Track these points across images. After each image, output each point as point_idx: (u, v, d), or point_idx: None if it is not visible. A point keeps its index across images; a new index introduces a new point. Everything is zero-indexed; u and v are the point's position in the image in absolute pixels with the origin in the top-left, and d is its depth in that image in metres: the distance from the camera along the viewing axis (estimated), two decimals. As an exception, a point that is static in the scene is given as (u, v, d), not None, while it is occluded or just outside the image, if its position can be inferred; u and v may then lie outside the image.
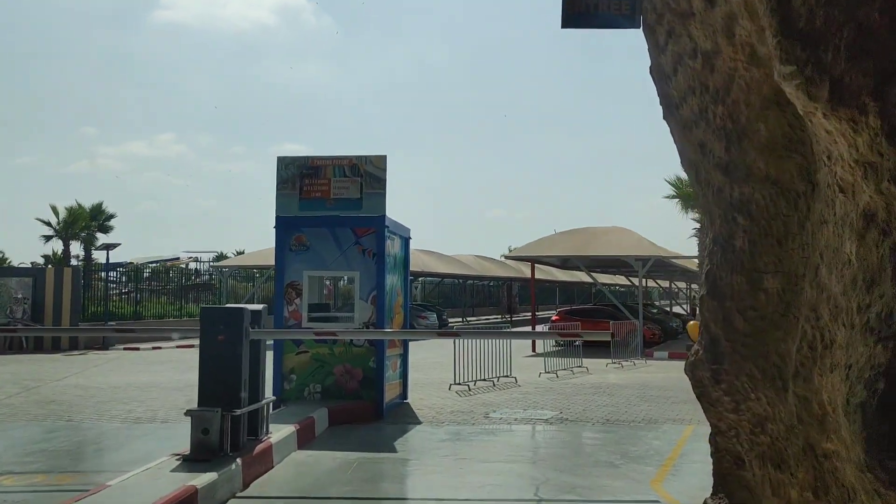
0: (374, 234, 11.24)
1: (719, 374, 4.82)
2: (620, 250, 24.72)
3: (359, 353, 11.13)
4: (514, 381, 15.15)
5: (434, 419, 10.67)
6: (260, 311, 7.29)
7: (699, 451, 7.89)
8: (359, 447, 8.46)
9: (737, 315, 4.69)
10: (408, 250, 13.01)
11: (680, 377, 16.20)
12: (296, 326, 11.17)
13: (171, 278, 38.46)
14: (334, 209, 11.21)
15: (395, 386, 11.96)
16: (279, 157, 11.31)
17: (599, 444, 8.56)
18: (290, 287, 11.28)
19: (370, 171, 11.21)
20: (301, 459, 7.60)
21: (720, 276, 4.82)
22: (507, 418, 10.71)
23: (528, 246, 26.55)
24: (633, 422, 10.36)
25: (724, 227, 4.77)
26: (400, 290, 12.43)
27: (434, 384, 14.76)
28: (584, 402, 12.26)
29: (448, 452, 8.03)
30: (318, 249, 11.31)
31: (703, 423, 10.43)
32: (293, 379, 11.08)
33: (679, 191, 26.47)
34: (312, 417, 9.02)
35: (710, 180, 4.94)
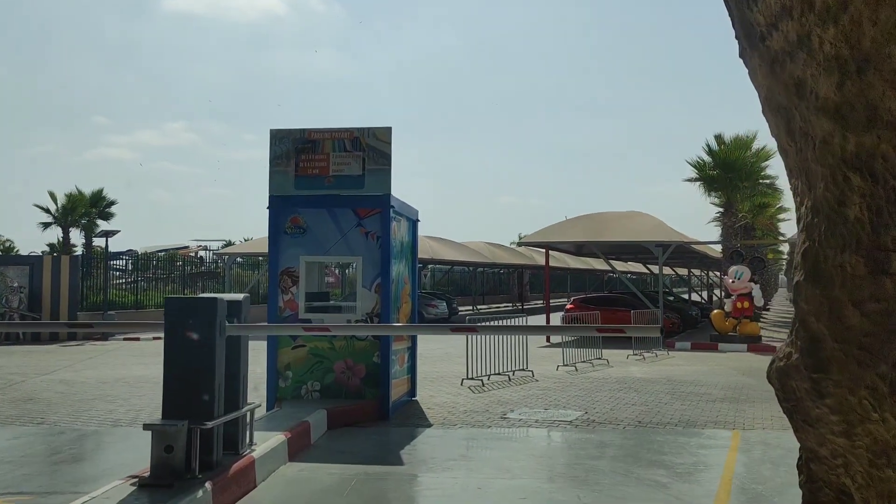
0: (378, 214, 10.11)
1: (824, 386, 3.66)
2: (640, 235, 23.50)
3: (362, 347, 10.04)
4: (531, 374, 14.05)
5: (445, 420, 9.59)
6: (240, 301, 6.19)
7: (757, 465, 6.76)
8: (360, 458, 7.38)
9: (850, 308, 3.52)
10: (416, 233, 11.88)
11: (709, 371, 15.11)
12: (292, 317, 10.08)
13: (176, 267, 37.55)
14: (334, 187, 10.08)
15: (403, 383, 10.87)
16: (272, 129, 10.19)
17: (637, 454, 7.44)
18: (285, 274, 10.19)
19: (373, 145, 10.07)
20: (291, 476, 6.51)
21: (825, 256, 3.63)
22: (527, 419, 9.61)
23: (542, 232, 25.35)
24: (668, 424, 9.23)
25: (830, 192, 3.58)
26: (407, 278, 11.32)
27: (444, 379, 13.68)
28: (609, 401, 11.14)
29: (462, 466, 6.93)
30: (316, 232, 10.19)
31: (748, 428, 9.39)
32: (289, 376, 10.00)
33: (702, 173, 25.17)
34: (307, 423, 7.93)
35: (809, 130, 3.74)
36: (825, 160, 3.62)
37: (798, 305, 3.85)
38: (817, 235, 3.66)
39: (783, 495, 5.71)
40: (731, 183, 24.46)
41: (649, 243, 22.98)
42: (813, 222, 3.71)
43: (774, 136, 4.22)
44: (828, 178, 3.64)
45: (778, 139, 4.15)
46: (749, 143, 24.73)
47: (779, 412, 10.21)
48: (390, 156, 10.07)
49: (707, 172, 24.99)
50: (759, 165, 25.02)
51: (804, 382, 3.82)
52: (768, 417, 9.73)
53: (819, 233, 3.65)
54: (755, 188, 25.68)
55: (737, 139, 24.80)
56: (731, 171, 24.36)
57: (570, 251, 31.09)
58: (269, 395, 9.83)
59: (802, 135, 3.77)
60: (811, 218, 3.74)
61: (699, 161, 25.27)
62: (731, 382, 13.39)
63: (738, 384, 13.16)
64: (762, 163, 25.05)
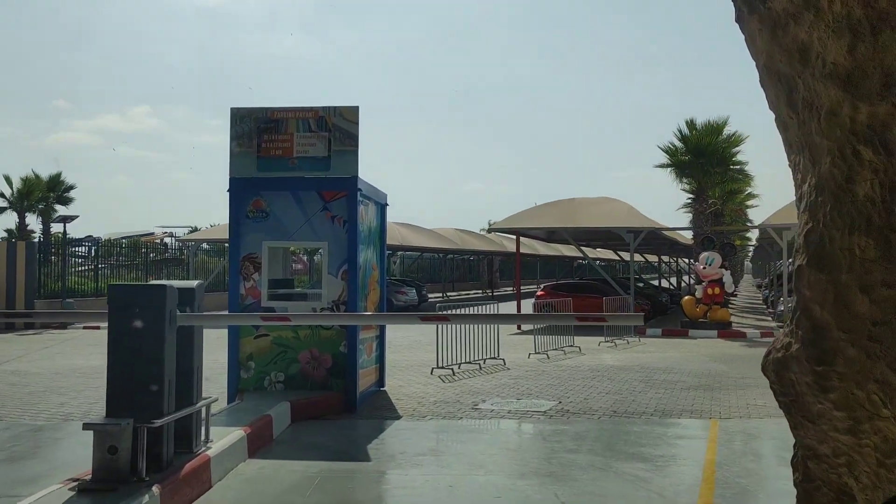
0: (344, 198, 9.67)
1: (829, 380, 3.36)
2: (612, 221, 23.34)
3: (328, 336, 9.62)
4: (503, 363, 13.76)
5: (415, 412, 9.24)
6: (193, 288, 5.74)
7: (739, 458, 6.53)
8: (325, 453, 6.98)
9: (858, 294, 3.22)
10: (384, 218, 11.47)
11: (682, 357, 14.93)
12: (254, 305, 9.62)
13: (140, 253, 36.60)
14: (298, 169, 9.61)
15: (371, 372, 10.48)
16: (232, 108, 9.66)
17: (614, 446, 7.16)
18: (247, 260, 9.71)
19: (340, 125, 9.61)
20: (250, 474, 6.10)
21: (830, 238, 3.32)
22: (499, 410, 9.29)
23: (513, 218, 25.07)
24: (644, 414, 8.99)
25: (837, 167, 3.26)
26: (375, 264, 10.91)
27: (414, 367, 13.33)
28: (583, 390, 10.88)
29: (433, 461, 6.57)
30: (280, 216, 9.73)
31: (725, 417, 9.16)
32: (252, 367, 9.55)
33: (673, 158, 25.05)
34: (269, 416, 7.51)
35: (813, 100, 3.41)
36: (832, 133, 3.30)
37: (800, 292, 3.53)
38: (822, 215, 3.34)
39: (768, 490, 5.46)
40: (702, 168, 24.38)
41: (621, 229, 22.83)
42: (817, 201, 3.39)
43: (773, 109, 3.87)
44: (835, 153, 3.32)
45: (777, 112, 3.81)
46: (720, 128, 24.65)
47: (754, 400, 10.08)
48: (357, 136, 9.62)
49: (679, 158, 24.87)
50: (731, 151, 24.95)
51: (806, 375, 3.52)
52: (744, 406, 9.54)
53: (824, 213, 3.33)
54: (726, 174, 25.64)
55: (708, 124, 24.71)
56: (703, 156, 24.27)
57: (541, 237, 30.91)
58: (229, 387, 9.38)
59: (806, 105, 3.44)
60: (815, 196, 3.42)
61: (671, 146, 25.14)
62: (703, 369, 13.24)
63: (710, 371, 13.01)
64: (733, 148, 24.99)
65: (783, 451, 6.75)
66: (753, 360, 14.71)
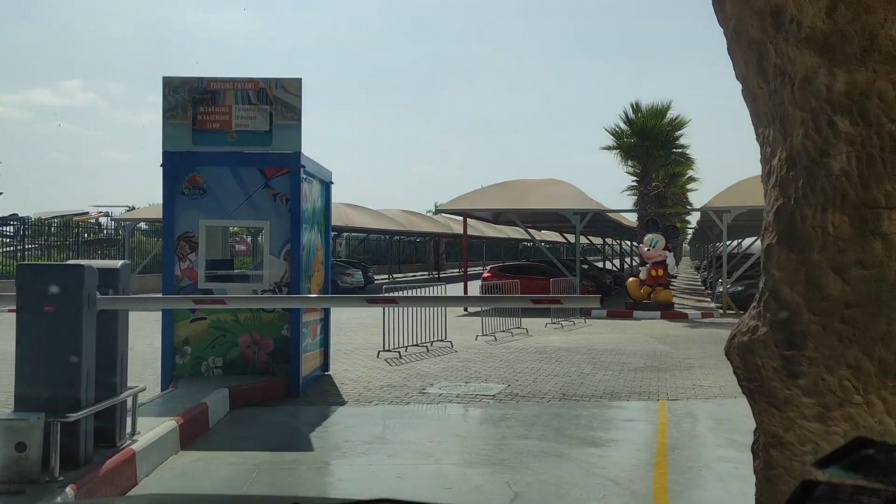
0: (287, 175, 9.24)
1: (798, 365, 3.18)
2: (558, 203, 23.33)
3: (270, 319, 9.22)
4: (450, 345, 13.56)
5: (361, 397, 8.94)
6: (116, 269, 5.29)
7: (690, 440, 6.44)
8: (265, 443, 6.63)
9: (831, 275, 3.04)
10: (329, 197, 11.06)
11: (627, 339, 14.97)
12: (190, 287, 9.15)
13: (72, 233, 35.14)
14: (237, 144, 9.13)
15: (315, 356, 10.12)
16: (164, 77, 9.09)
17: (565, 431, 7.00)
18: (182, 240, 9.21)
19: (282, 98, 9.15)
20: (182, 467, 5.71)
21: (802, 216, 3.12)
22: (448, 394, 9.07)
23: (460, 199, 24.84)
24: (593, 396, 8.88)
25: (811, 140, 3.06)
26: (320, 244, 10.52)
27: (360, 351, 13.01)
28: (531, 372, 10.75)
29: (379, 450, 6.29)
30: (218, 193, 9.24)
31: (673, 398, 9.12)
32: (188, 352, 9.09)
33: (619, 141, 25.15)
34: (205, 404, 7.11)
35: (786, 67, 3.19)
36: (806, 102, 3.08)
37: (768, 272, 3.34)
38: (794, 191, 3.14)
39: (720, 473, 5.36)
40: (647, 151, 24.55)
41: (567, 211, 22.83)
42: (788, 176, 3.18)
43: (740, 79, 3.64)
44: (808, 124, 3.11)
45: (745, 81, 3.59)
46: (664, 111, 24.84)
47: (699, 381, 10.10)
48: (300, 110, 9.18)
49: (624, 140, 24.98)
50: (674, 134, 25.19)
51: (773, 360, 3.33)
52: (690, 387, 9.55)
53: (796, 188, 3.12)
54: (669, 157, 25.89)
55: (652, 108, 24.87)
56: (648, 139, 24.44)
57: (488, 219, 30.79)
58: (163, 373, 8.91)
59: (778, 73, 3.22)
60: (786, 171, 3.21)
61: (617, 129, 25.23)
62: (649, 350, 13.29)
63: (656, 352, 13.06)
64: (676, 132, 25.23)
65: (732, 433, 6.72)
66: (696, 340, 14.87)
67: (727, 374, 10.74)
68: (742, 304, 21.20)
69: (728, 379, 10.19)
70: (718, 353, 13.22)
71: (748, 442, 6.25)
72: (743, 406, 7.88)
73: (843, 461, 1.03)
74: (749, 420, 7.00)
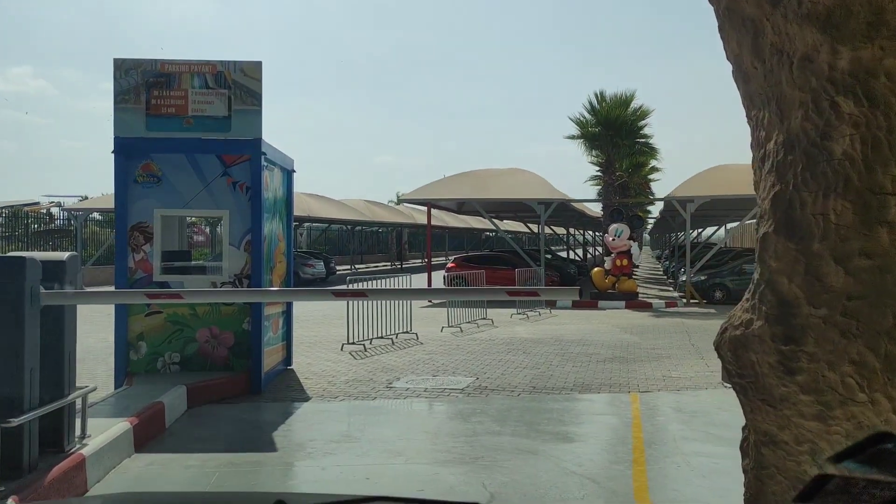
0: (247, 162, 8.87)
1: (796, 361, 3.01)
2: (523, 193, 23.19)
3: (229, 312, 8.86)
4: (416, 337, 13.33)
5: (325, 392, 8.65)
6: (63, 261, 4.91)
7: (663, 435, 6.30)
8: (225, 443, 6.32)
9: (833, 265, 2.87)
10: (291, 185, 10.70)
11: (594, 329, 14.87)
12: (145, 280, 8.74)
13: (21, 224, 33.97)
14: (194, 129, 8.72)
15: (277, 351, 9.79)
16: (116, 59, 8.64)
17: (538, 426, 6.82)
18: (136, 230, 8.78)
19: (241, 82, 8.77)
20: (136, 472, 5.38)
21: (801, 202, 2.94)
22: (415, 388, 8.83)
23: (424, 188, 24.55)
24: (563, 389, 8.73)
25: (811, 122, 2.88)
26: (282, 235, 10.17)
27: (323, 343, 12.70)
28: (499, 364, 10.57)
29: (347, 449, 6.02)
30: (174, 182, 8.83)
31: (644, 390, 9.01)
32: (143, 347, 8.69)
33: (584, 130, 25.10)
34: (161, 403, 6.75)
35: (784, 46, 3.01)
36: (805, 82, 2.89)
37: (765, 263, 3.15)
38: (792, 177, 2.95)
39: (702, 470, 5.22)
40: (611, 141, 24.55)
41: (532, 201, 22.71)
42: (786, 161, 2.99)
43: (732, 59, 3.44)
44: (808, 105, 2.92)
45: (738, 61, 3.38)
46: (629, 101, 24.86)
47: (669, 372, 10.02)
48: (261, 95, 8.81)
49: (589, 130, 24.94)
50: (638, 124, 25.24)
51: (769, 355, 3.15)
52: (660, 378, 9.46)
53: (794, 173, 2.93)
54: (634, 146, 25.94)
55: (617, 97, 24.87)
56: (612, 128, 24.43)
57: (452, 209, 30.55)
58: (116, 371, 8.49)
59: (775, 52, 3.02)
60: (783, 156, 3.02)
61: (581, 118, 25.18)
62: (616, 341, 13.22)
63: (623, 342, 12.99)
64: (640, 121, 25.28)
65: (708, 426, 6.61)
66: (662, 330, 14.87)
67: (696, 365, 10.70)
68: (705, 294, 21.36)
69: (698, 370, 10.18)
70: (685, 343, 13.18)
71: (726, 435, 6.12)
72: (715, 398, 7.79)
73: (849, 459, 0.98)
74: (724, 412, 6.86)
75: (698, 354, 11.46)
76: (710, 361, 10.58)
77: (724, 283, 21.49)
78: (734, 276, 21.55)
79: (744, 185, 21.26)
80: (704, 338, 13.49)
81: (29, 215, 34.76)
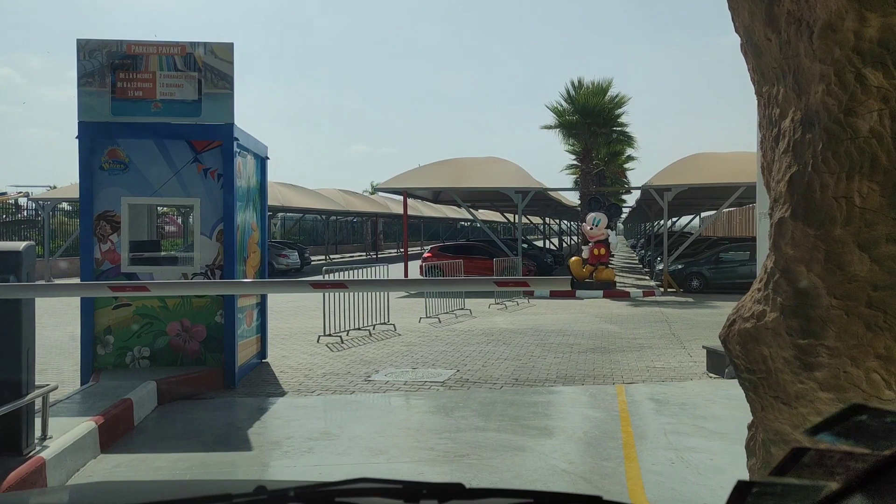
0: (218, 148, 8.51)
1: (814, 355, 2.80)
2: (500, 182, 22.97)
3: (202, 305, 8.53)
4: (393, 328, 13.07)
5: (301, 386, 8.37)
6: (18, 252, 4.56)
7: (655, 431, 6.12)
8: (197, 442, 6.02)
9: (856, 252, 2.66)
10: (265, 173, 10.34)
11: (573, 319, 14.69)
12: (112, 271, 8.37)
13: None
14: (162, 114, 8.34)
15: (251, 343, 9.47)
16: (79, 39, 8.21)
17: (523, 420, 6.61)
18: (102, 219, 8.40)
19: (211, 64, 8.40)
20: (101, 474, 5.05)
21: (822, 185, 2.72)
22: (394, 381, 8.58)
23: (400, 177, 24.23)
24: (546, 381, 8.54)
25: (833, 97, 2.65)
26: (255, 224, 9.83)
27: (299, 335, 12.39)
28: (480, 356, 10.35)
29: (325, 447, 5.75)
30: (142, 168, 8.45)
31: (628, 381, 8.80)
32: (110, 342, 8.32)
33: (561, 118, 24.92)
34: (129, 400, 6.43)
35: (803, 14, 2.78)
36: (828, 53, 2.65)
37: (780, 250, 2.92)
38: (810, 157, 2.71)
39: (698, 467, 5.03)
40: (589, 129, 24.40)
41: (509, 190, 22.51)
42: (804, 139, 2.76)
43: (742, 31, 3.19)
44: (830, 78, 2.69)
45: (748, 33, 3.14)
46: (606, 89, 24.72)
47: (652, 362, 9.87)
48: (233, 78, 8.45)
49: (566, 118, 24.76)
50: (615, 112, 25.12)
51: (784, 350, 2.93)
52: (644, 368, 9.31)
53: (813, 153, 2.70)
54: (611, 135, 25.83)
55: (594, 85, 24.71)
56: (590, 116, 24.28)
57: (428, 198, 30.26)
58: (83, 366, 8.13)
59: (792, 21, 2.78)
60: (801, 134, 2.79)
61: (558, 107, 24.99)
62: (596, 330, 13.07)
63: (603, 332, 12.85)
64: (617, 110, 25.16)
65: (697, 419, 6.44)
66: (642, 319, 14.76)
67: (679, 355, 10.53)
68: (682, 282, 21.35)
69: (681, 360, 10.04)
70: (666, 332, 13.02)
71: (718, 429, 5.93)
72: (702, 389, 7.58)
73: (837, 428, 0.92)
74: (713, 404, 6.64)
75: (680, 344, 11.34)
76: (693, 351, 10.46)
77: (702, 271, 21.49)
78: (711, 264, 21.55)
79: (721, 174, 21.26)
80: (685, 327, 13.40)
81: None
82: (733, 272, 20.93)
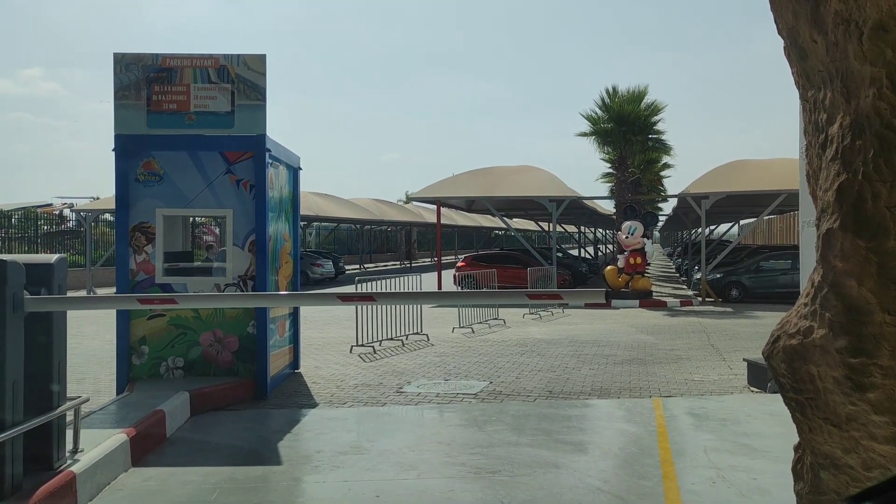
0: (251, 159, 8.54)
1: (867, 375, 2.63)
2: (534, 191, 22.81)
3: (234, 315, 8.54)
4: (426, 339, 12.99)
5: (333, 397, 8.32)
6: (50, 265, 4.58)
7: (695, 448, 5.92)
8: (228, 455, 5.99)
9: (915, 266, 2.50)
10: (297, 184, 10.36)
11: (608, 329, 14.45)
12: (147, 282, 8.43)
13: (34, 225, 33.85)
14: (197, 126, 8.40)
15: (284, 354, 9.47)
16: (116, 53, 8.32)
17: (557, 435, 6.45)
18: (137, 230, 8.48)
19: (244, 76, 8.44)
20: (133, 488, 5.04)
21: (874, 194, 2.56)
22: (427, 393, 8.49)
23: (434, 187, 24.21)
24: (580, 394, 8.36)
25: (886, 101, 2.50)
26: (288, 234, 9.84)
27: (332, 345, 12.38)
28: (513, 368, 10.20)
29: (355, 462, 5.67)
30: (176, 180, 8.51)
31: (665, 394, 8.58)
32: (145, 352, 8.38)
33: (596, 126, 24.67)
34: (161, 412, 6.43)
35: (852, 13, 2.63)
36: (879, 54, 2.51)
37: (828, 263, 2.76)
38: (861, 164, 2.55)
39: (741, 488, 4.84)
40: (624, 137, 24.13)
41: (543, 198, 22.34)
42: (854, 146, 2.60)
43: (785, 33, 3.05)
44: (881, 82, 2.54)
45: (792, 35, 2.99)
46: (641, 96, 24.43)
47: (691, 375, 9.63)
48: (265, 89, 8.48)
49: (601, 126, 24.52)
50: (651, 120, 24.80)
51: (834, 369, 2.76)
52: (682, 381, 9.08)
53: (864, 160, 2.54)
54: (647, 143, 25.51)
55: (629, 92, 24.44)
56: (625, 124, 24.01)
57: (462, 207, 30.20)
58: (118, 376, 8.19)
59: (840, 21, 2.62)
60: (850, 141, 2.63)
61: (593, 114, 24.76)
62: (632, 341, 12.83)
63: (639, 343, 12.61)
64: (653, 117, 24.84)
65: (739, 436, 6.22)
66: (679, 330, 14.46)
67: (719, 368, 10.25)
68: (721, 292, 20.93)
69: (721, 373, 9.78)
70: (705, 343, 12.72)
71: (761, 447, 5.70)
72: (743, 404, 7.33)
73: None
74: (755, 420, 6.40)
75: (719, 356, 11.06)
76: (733, 364, 10.18)
77: (741, 280, 21.04)
78: (751, 273, 21.09)
79: (761, 182, 20.81)
80: (724, 338, 13.09)
81: (41, 217, 34.65)
82: (774, 281, 20.46)
